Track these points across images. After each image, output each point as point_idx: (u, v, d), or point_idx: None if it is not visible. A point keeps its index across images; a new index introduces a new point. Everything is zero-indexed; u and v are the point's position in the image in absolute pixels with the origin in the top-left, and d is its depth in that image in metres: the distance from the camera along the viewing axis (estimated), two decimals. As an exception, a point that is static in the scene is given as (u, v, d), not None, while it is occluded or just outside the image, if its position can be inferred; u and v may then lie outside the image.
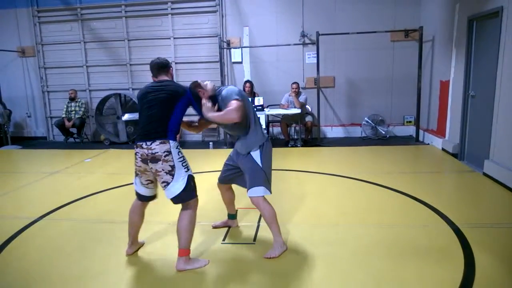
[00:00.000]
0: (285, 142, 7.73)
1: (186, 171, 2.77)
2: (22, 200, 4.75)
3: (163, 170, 2.72)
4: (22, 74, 9.34)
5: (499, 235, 3.31)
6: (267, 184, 3.04)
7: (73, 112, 8.61)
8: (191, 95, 2.84)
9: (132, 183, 3.06)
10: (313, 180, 5.15)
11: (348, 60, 8.21)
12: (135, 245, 3.17)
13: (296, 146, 7.42)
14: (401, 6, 7.88)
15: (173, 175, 2.72)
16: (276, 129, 8.49)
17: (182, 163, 2.75)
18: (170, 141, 2.72)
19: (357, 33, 7.46)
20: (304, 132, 7.77)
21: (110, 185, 5.10)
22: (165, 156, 2.69)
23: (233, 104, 2.81)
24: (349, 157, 6.53)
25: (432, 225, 3.52)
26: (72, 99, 8.62)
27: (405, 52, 7.97)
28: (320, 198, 4.40)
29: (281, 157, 6.45)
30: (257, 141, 3.03)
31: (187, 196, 2.80)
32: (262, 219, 3.75)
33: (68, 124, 8.53)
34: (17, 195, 4.95)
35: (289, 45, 8.00)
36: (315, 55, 7.58)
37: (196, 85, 2.87)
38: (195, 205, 2.87)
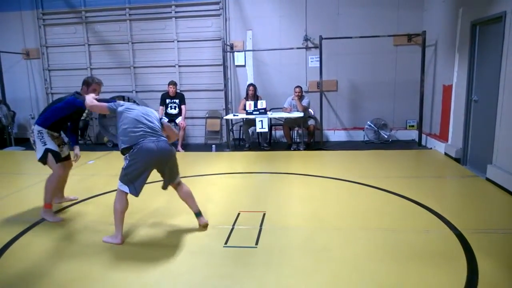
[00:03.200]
0: (288, 145, 7.73)
1: (43, 146, 3.88)
2: (25, 201, 4.76)
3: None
4: (26, 76, 9.39)
5: (502, 240, 3.30)
6: (127, 182, 3.40)
7: (77, 114, 8.64)
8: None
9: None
10: (315, 184, 5.15)
11: (351, 64, 8.22)
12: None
13: (299, 150, 7.42)
14: (404, 10, 7.89)
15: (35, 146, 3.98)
16: (279, 133, 8.50)
17: (41, 140, 3.91)
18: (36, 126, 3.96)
19: (360, 37, 7.48)
20: (306, 136, 7.77)
21: (113, 187, 5.00)
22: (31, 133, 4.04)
23: (103, 104, 3.72)
24: (351, 161, 6.52)
25: (435, 230, 3.52)
26: (75, 101, 8.67)
27: (408, 56, 7.97)
28: (322, 202, 4.40)
29: (284, 161, 6.45)
30: (125, 146, 3.51)
31: (42, 162, 3.97)
32: (264, 222, 3.78)
33: (71, 126, 8.60)
34: (20, 196, 4.97)
35: (292, 48, 8.03)
36: (318, 59, 7.59)
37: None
38: (55, 171, 3.94)
